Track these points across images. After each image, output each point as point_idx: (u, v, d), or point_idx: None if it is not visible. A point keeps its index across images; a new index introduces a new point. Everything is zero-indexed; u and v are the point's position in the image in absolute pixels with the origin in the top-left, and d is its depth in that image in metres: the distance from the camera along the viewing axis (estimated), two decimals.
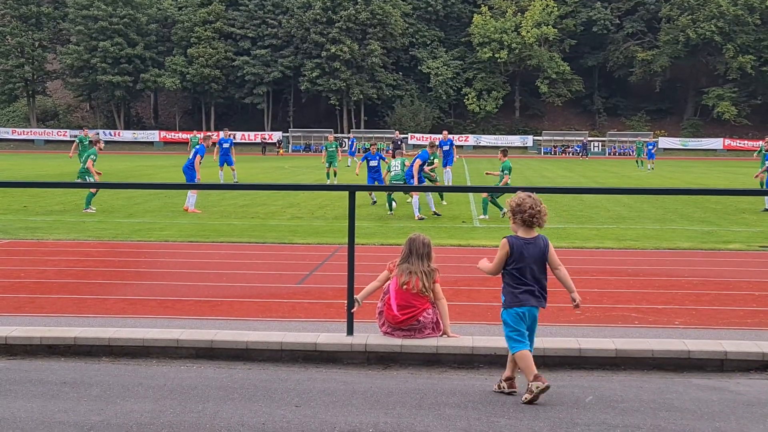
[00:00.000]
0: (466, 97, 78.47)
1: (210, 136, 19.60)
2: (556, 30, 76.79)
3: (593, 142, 74.06)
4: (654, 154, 43.62)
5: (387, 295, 6.35)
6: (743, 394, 5.34)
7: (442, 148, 25.63)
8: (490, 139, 74.51)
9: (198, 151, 18.43)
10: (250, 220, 16.14)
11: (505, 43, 76.01)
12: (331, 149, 27.75)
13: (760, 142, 30.78)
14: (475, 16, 78.59)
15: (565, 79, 78.41)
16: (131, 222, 15.47)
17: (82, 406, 5.00)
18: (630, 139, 70.85)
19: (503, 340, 5.45)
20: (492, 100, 78.07)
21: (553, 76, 77.31)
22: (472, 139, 75.31)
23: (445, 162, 25.35)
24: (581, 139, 72.09)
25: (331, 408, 4.97)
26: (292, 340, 6.21)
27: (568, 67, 77.72)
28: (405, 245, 6.38)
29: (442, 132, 29.00)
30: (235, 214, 17.16)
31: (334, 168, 27.51)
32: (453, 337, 6.25)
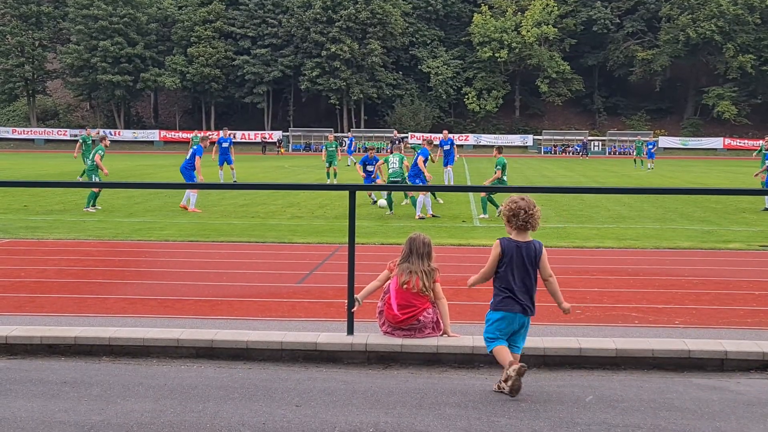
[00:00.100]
0: (466, 96, 78.48)
1: (207, 136, 19.63)
2: (556, 29, 76.81)
3: (593, 142, 74.07)
4: (654, 154, 43.58)
5: (387, 295, 6.35)
6: (743, 393, 5.34)
7: (443, 147, 25.63)
8: (491, 139, 74.46)
9: (196, 151, 18.46)
10: (251, 219, 16.14)
11: (505, 42, 76.02)
12: (331, 149, 27.77)
13: (761, 141, 30.82)
14: (475, 15, 78.63)
15: (565, 79, 78.43)
16: (131, 221, 15.47)
17: (83, 405, 5.00)
18: (630, 138, 70.84)
19: None
20: (492, 100, 78.08)
21: (553, 76, 77.33)
22: (472, 138, 75.31)
23: (446, 161, 25.32)
24: (581, 138, 72.12)
25: (331, 407, 4.97)
26: (292, 340, 6.21)
27: (568, 67, 77.74)
28: (405, 245, 6.38)
29: (443, 131, 28.95)
30: (235, 214, 17.16)
31: (334, 167, 27.52)
32: (453, 337, 6.25)
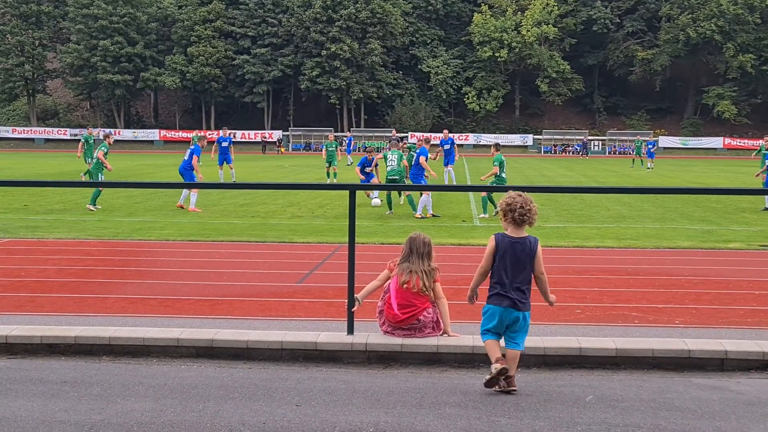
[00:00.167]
0: (466, 96, 78.46)
1: (204, 136, 19.71)
2: (556, 29, 76.79)
3: (593, 141, 74.06)
4: (653, 153, 43.57)
5: (387, 294, 6.35)
6: (744, 393, 5.34)
7: (443, 147, 25.63)
8: (490, 138, 74.24)
9: (193, 151, 18.51)
10: (251, 219, 16.14)
11: (506, 42, 76.00)
12: (331, 149, 27.77)
13: (760, 141, 30.81)
14: (475, 14, 78.60)
15: (566, 78, 78.40)
16: (131, 221, 15.47)
17: (83, 405, 5.00)
18: (630, 138, 70.82)
19: (503, 340, 5.50)
20: (492, 99, 78.06)
21: (554, 75, 77.31)
22: (472, 138, 75.30)
23: (447, 161, 25.31)
24: (581, 138, 72.12)
25: (331, 407, 4.97)
26: (292, 339, 6.21)
27: (569, 66, 77.72)
28: (405, 244, 6.38)
29: (443, 131, 28.96)
30: (235, 213, 17.16)
31: (334, 167, 27.53)
32: (453, 337, 6.25)
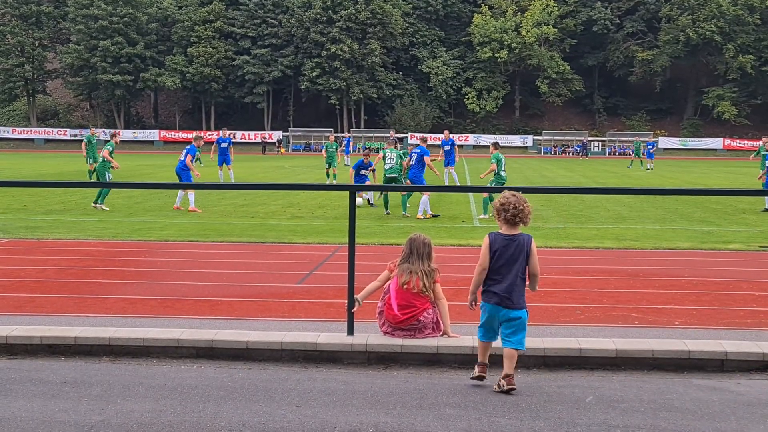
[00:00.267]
0: (466, 96, 78.46)
1: (201, 136, 19.75)
2: (556, 30, 76.80)
3: (593, 142, 74.07)
4: (653, 154, 43.57)
5: (387, 295, 6.35)
6: (744, 394, 5.34)
7: (443, 148, 25.61)
8: (490, 139, 74.19)
9: (189, 151, 18.54)
10: (250, 219, 16.14)
11: (505, 42, 76.01)
12: (330, 149, 27.79)
13: (759, 142, 30.79)
14: (475, 15, 78.63)
15: (565, 79, 78.41)
16: (131, 221, 15.47)
17: (83, 405, 5.00)
18: (630, 138, 70.84)
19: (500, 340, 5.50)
20: (492, 100, 78.06)
21: (553, 76, 77.32)
22: (472, 138, 75.29)
23: (447, 162, 25.30)
24: (581, 138, 72.09)
25: (331, 408, 4.97)
26: (292, 340, 6.21)
27: (568, 67, 77.74)
28: (405, 245, 6.39)
29: (443, 131, 28.95)
30: (235, 214, 17.16)
31: (334, 168, 27.53)
32: (453, 337, 6.25)
